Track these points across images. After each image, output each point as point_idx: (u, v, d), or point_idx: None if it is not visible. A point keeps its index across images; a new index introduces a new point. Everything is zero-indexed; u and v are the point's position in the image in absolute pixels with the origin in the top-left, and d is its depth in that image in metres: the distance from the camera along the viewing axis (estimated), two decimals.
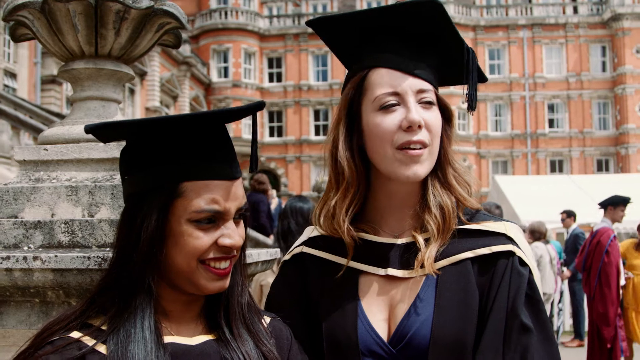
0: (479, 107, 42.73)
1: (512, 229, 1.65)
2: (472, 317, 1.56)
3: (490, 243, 1.61)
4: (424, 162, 1.59)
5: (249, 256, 2.02)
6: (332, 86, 43.42)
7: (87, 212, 2.14)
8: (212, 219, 1.36)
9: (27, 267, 1.83)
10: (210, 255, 1.37)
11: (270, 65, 45.39)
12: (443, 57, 1.67)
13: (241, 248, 1.45)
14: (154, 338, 1.32)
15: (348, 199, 1.64)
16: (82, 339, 1.31)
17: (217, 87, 42.98)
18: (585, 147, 43.25)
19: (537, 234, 11.00)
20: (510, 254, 1.60)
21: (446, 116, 1.67)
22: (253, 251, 2.24)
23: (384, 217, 1.70)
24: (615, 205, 8.75)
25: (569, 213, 12.57)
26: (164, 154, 1.36)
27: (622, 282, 8.46)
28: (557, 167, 43.30)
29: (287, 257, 1.83)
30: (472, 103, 1.68)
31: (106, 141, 1.49)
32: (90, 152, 2.26)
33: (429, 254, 1.59)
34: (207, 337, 1.45)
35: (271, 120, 45.04)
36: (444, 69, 1.69)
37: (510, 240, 1.62)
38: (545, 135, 43.55)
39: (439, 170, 1.66)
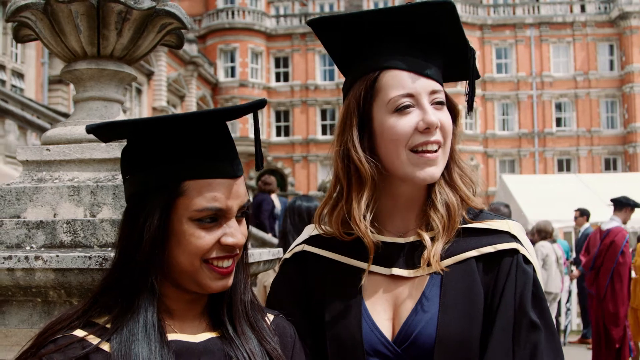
0: (486, 106, 42.69)
1: (515, 227, 1.66)
2: (478, 315, 1.56)
3: (494, 241, 1.62)
4: (439, 163, 1.60)
5: (250, 256, 2.02)
6: (339, 86, 43.15)
7: (89, 212, 2.15)
8: (214, 218, 1.36)
9: (29, 267, 1.85)
10: (213, 254, 1.37)
11: (277, 65, 45.39)
12: (447, 55, 1.67)
13: (244, 246, 1.45)
14: (157, 336, 1.32)
15: (364, 200, 1.62)
16: (86, 338, 1.31)
17: (224, 87, 42.97)
18: (593, 146, 43.06)
19: (543, 233, 10.98)
20: (515, 251, 1.60)
21: (453, 115, 1.67)
22: (255, 251, 2.25)
23: (389, 216, 1.69)
24: (632, 207, 8.69)
25: (582, 212, 12.24)
26: (166, 153, 1.36)
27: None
28: (564, 166, 43.11)
29: (287, 255, 1.82)
30: (471, 105, 1.67)
31: (107, 141, 1.48)
32: (92, 152, 2.26)
33: (434, 251, 1.58)
34: (211, 334, 1.45)
35: (278, 119, 45.04)
36: (447, 66, 1.69)
37: (514, 239, 1.62)
38: (552, 134, 43.38)
39: (445, 169, 1.66)
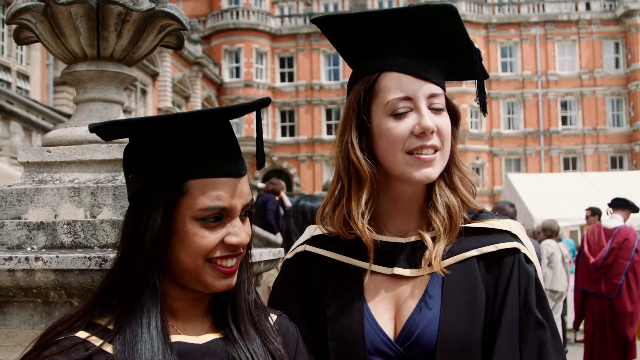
0: (492, 105, 42.51)
1: (515, 227, 1.66)
2: (479, 315, 1.56)
3: (495, 241, 1.62)
4: (436, 165, 1.59)
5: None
6: (344, 85, 42.22)
7: (90, 213, 2.15)
8: (218, 217, 1.35)
9: (29, 268, 1.85)
10: (217, 253, 1.36)
11: (282, 65, 45.36)
12: (450, 56, 1.66)
13: (247, 245, 1.44)
14: (160, 337, 1.31)
15: (363, 200, 1.63)
16: (88, 339, 1.30)
17: (229, 87, 42.96)
18: (599, 144, 42.90)
19: (549, 232, 10.97)
20: (516, 251, 1.60)
21: (454, 119, 1.67)
22: (255, 251, 2.25)
23: (390, 216, 1.69)
24: (633, 211, 8.66)
25: (594, 211, 11.90)
26: (169, 152, 1.34)
27: None
28: (570, 164, 42.97)
29: (289, 255, 1.82)
30: (484, 106, 1.68)
31: (109, 139, 1.47)
32: (92, 153, 2.27)
33: (436, 252, 1.58)
34: (214, 335, 1.44)
35: (283, 120, 45.03)
36: (451, 67, 1.68)
37: (514, 238, 1.63)
38: (558, 133, 43.25)
39: (445, 171, 1.66)
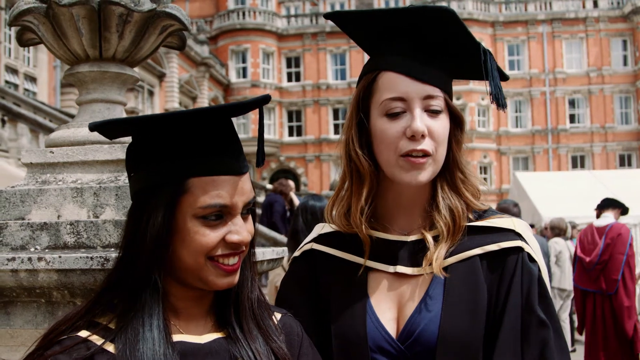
0: None
1: (519, 225, 1.65)
2: (481, 313, 1.56)
3: (498, 239, 1.61)
4: (427, 169, 1.58)
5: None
6: (351, 85, 43.08)
7: (92, 213, 2.16)
8: (219, 215, 1.35)
9: (32, 268, 1.86)
10: (219, 252, 1.35)
11: (289, 65, 45.32)
12: (458, 57, 1.65)
13: (250, 243, 1.43)
14: (162, 336, 1.31)
15: (363, 196, 1.64)
16: (90, 338, 1.30)
17: (236, 88, 42.95)
18: (607, 142, 42.64)
19: (557, 230, 10.96)
20: (519, 250, 1.60)
21: (456, 121, 1.66)
22: (258, 250, 2.25)
23: (393, 215, 1.69)
24: (623, 212, 8.64)
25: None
26: (170, 150, 1.34)
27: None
28: (578, 162, 42.75)
29: (297, 253, 1.83)
30: (499, 101, 1.65)
31: (111, 137, 1.47)
32: (95, 154, 2.28)
33: (437, 254, 1.58)
34: (217, 335, 1.44)
35: (290, 119, 44.99)
36: (461, 66, 1.68)
37: (518, 236, 1.62)
38: (566, 131, 43.03)
39: (447, 174, 1.66)
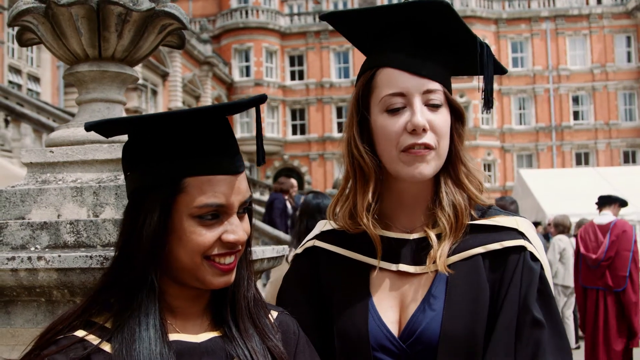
0: (503, 100, 42.31)
1: (523, 224, 1.65)
2: (483, 312, 1.56)
3: (501, 238, 1.61)
4: (430, 162, 1.58)
5: (253, 253, 2.03)
6: (354, 83, 42.90)
7: (92, 213, 2.17)
8: (215, 214, 1.35)
9: (32, 267, 1.86)
10: (215, 251, 1.35)
11: (292, 63, 45.29)
12: (457, 51, 1.66)
13: (246, 242, 1.44)
14: (158, 336, 1.31)
15: (369, 192, 1.63)
16: (86, 338, 1.31)
17: (239, 87, 42.93)
18: (611, 139, 42.52)
19: (561, 227, 10.96)
20: (522, 248, 1.59)
21: (457, 115, 1.65)
22: (258, 248, 2.26)
23: (396, 213, 1.69)
24: (620, 204, 8.63)
25: None
26: (166, 149, 1.35)
27: None
28: (582, 159, 42.62)
29: (299, 250, 1.83)
30: (488, 99, 1.65)
31: (109, 136, 1.48)
32: (95, 153, 2.29)
33: (441, 251, 1.58)
34: (213, 334, 1.44)
35: (294, 118, 44.97)
36: (459, 60, 1.68)
37: (521, 235, 1.62)
38: (570, 128, 42.93)
39: (451, 168, 1.65)
